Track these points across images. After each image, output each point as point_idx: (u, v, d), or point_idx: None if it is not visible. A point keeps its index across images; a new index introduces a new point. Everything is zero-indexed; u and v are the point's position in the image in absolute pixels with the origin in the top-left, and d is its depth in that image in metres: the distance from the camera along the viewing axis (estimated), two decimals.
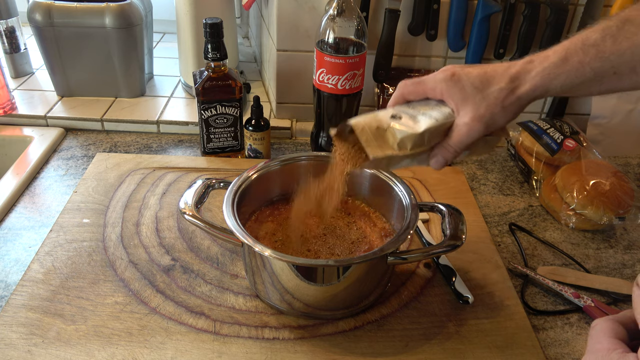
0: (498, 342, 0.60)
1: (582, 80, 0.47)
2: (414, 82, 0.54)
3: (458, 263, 0.70)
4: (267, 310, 0.63)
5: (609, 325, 0.38)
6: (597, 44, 0.46)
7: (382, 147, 0.50)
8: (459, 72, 0.51)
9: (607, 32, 0.46)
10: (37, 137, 0.94)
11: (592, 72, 0.46)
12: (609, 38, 0.46)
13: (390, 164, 0.53)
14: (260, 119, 0.88)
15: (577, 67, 0.47)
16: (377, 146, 0.50)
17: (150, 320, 0.60)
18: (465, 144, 0.51)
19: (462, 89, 0.50)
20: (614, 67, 0.46)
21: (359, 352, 0.58)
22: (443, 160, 0.53)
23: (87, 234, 0.72)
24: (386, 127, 0.51)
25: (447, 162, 0.53)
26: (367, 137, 0.50)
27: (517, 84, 0.49)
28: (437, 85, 0.52)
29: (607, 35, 0.46)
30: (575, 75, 0.47)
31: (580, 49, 0.47)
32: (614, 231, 0.81)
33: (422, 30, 0.94)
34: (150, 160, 0.89)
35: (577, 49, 0.47)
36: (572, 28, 0.96)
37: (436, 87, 0.52)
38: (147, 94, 1.09)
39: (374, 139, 0.50)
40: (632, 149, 1.01)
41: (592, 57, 0.46)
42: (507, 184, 0.91)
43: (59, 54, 0.99)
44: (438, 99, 0.53)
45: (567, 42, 0.48)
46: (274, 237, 0.67)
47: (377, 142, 0.50)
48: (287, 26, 0.91)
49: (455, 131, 0.51)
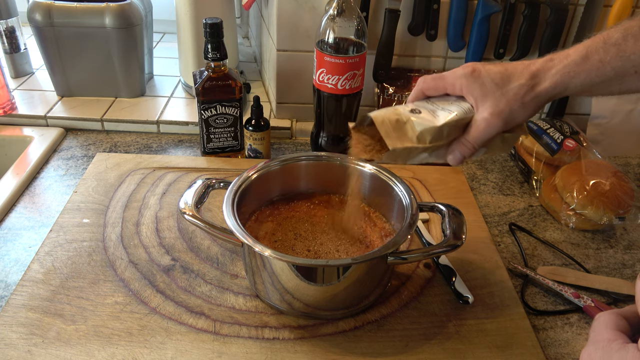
0: (498, 342, 0.60)
1: (602, 79, 0.47)
2: (433, 77, 0.54)
3: (458, 263, 0.70)
4: (267, 310, 0.63)
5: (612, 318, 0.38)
6: (618, 43, 0.46)
7: (401, 139, 0.51)
8: (479, 68, 0.51)
9: (629, 32, 0.46)
10: (37, 137, 0.94)
11: (613, 71, 0.47)
12: (630, 37, 0.46)
13: (409, 156, 0.53)
14: (260, 119, 0.88)
15: (598, 66, 0.47)
16: (397, 138, 0.51)
17: (150, 320, 0.60)
18: (483, 140, 0.51)
19: (482, 84, 0.50)
20: (635, 67, 0.46)
21: (359, 352, 0.58)
22: (460, 156, 0.53)
23: (87, 234, 0.72)
24: (405, 120, 0.51)
25: (465, 158, 0.53)
26: (386, 129, 0.51)
27: (537, 81, 0.49)
28: (456, 81, 0.52)
29: (628, 35, 0.46)
30: (596, 74, 0.47)
31: (602, 47, 0.47)
32: (614, 231, 0.81)
33: (422, 30, 0.94)
34: (150, 160, 0.89)
35: (598, 48, 0.47)
36: (572, 28, 0.96)
37: (456, 83, 0.52)
38: (147, 94, 1.09)
39: (393, 131, 0.51)
40: (632, 149, 1.01)
41: (613, 56, 0.46)
42: (507, 184, 0.91)
43: (59, 54, 0.99)
44: (457, 95, 0.53)
45: (588, 41, 0.48)
46: (273, 237, 0.67)
47: (396, 134, 0.51)
48: (287, 26, 0.91)
49: (473, 126, 0.51)
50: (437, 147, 0.52)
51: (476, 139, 0.51)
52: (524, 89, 0.49)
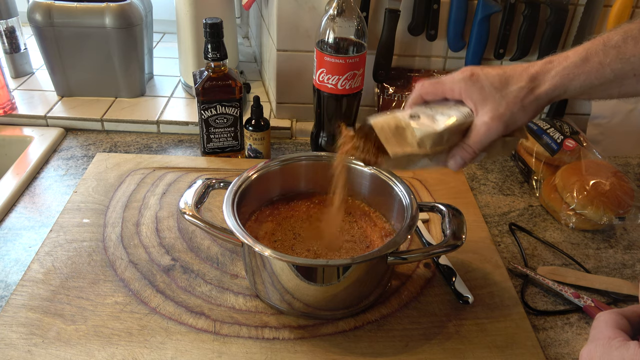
0: (498, 342, 0.60)
1: (601, 82, 0.47)
2: (431, 82, 0.54)
3: (458, 263, 0.70)
4: (267, 310, 0.63)
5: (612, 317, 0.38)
6: (618, 46, 0.46)
7: (401, 145, 0.51)
8: (477, 72, 0.51)
9: (629, 34, 0.46)
10: (37, 137, 0.94)
11: (612, 74, 0.47)
12: (630, 40, 0.46)
13: (409, 163, 0.53)
14: (260, 119, 0.88)
15: (597, 68, 0.47)
16: (397, 144, 0.51)
17: (150, 320, 0.60)
18: (484, 144, 0.51)
19: (481, 88, 0.50)
20: (634, 69, 0.46)
21: (359, 352, 0.58)
22: (461, 161, 0.52)
23: (87, 234, 0.72)
24: (405, 125, 0.51)
25: (466, 163, 0.53)
26: (386, 135, 0.51)
27: (537, 83, 0.49)
28: (455, 85, 0.52)
29: (628, 37, 0.46)
30: (595, 76, 0.47)
31: (601, 50, 0.47)
32: (614, 231, 0.81)
33: (422, 30, 0.94)
34: (150, 160, 0.89)
35: (597, 50, 0.47)
36: (572, 28, 0.96)
37: (454, 88, 0.52)
38: (147, 94, 1.09)
39: (393, 137, 0.51)
40: (632, 149, 1.01)
41: (612, 59, 0.46)
42: (507, 184, 0.91)
43: (59, 54, 0.99)
44: (456, 100, 0.53)
45: (588, 43, 0.48)
46: (273, 237, 0.67)
47: (396, 140, 0.51)
48: (287, 26, 0.91)
49: (474, 131, 0.51)
50: (438, 153, 0.52)
51: (477, 143, 0.51)
52: (524, 91, 0.49)
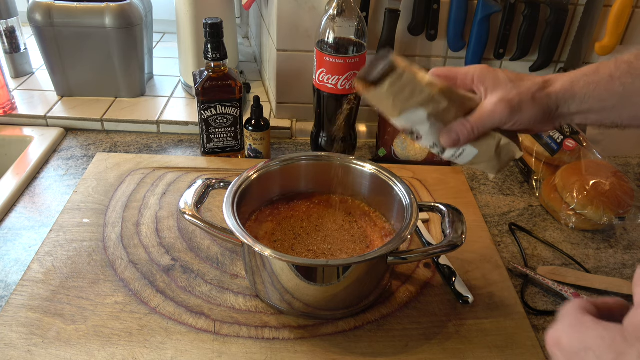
0: (498, 342, 0.60)
1: (611, 94, 0.48)
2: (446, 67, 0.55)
3: (458, 263, 0.70)
4: (267, 310, 0.63)
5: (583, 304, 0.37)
6: (630, 62, 0.48)
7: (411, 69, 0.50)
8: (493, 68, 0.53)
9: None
10: (37, 137, 0.94)
11: (622, 87, 0.48)
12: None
13: (410, 98, 0.51)
14: (260, 119, 0.88)
15: (607, 80, 0.48)
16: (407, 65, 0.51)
17: (150, 320, 0.60)
18: (484, 125, 0.51)
19: (496, 77, 0.52)
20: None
21: (359, 352, 0.58)
22: (455, 137, 0.52)
23: (87, 234, 0.73)
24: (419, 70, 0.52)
25: (459, 140, 0.52)
26: (401, 61, 0.51)
27: (549, 83, 0.51)
28: (470, 70, 0.53)
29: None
30: (605, 88, 0.48)
31: (613, 64, 0.49)
32: (614, 231, 0.81)
33: (422, 30, 0.94)
34: (150, 160, 0.89)
35: (609, 64, 0.49)
36: (572, 28, 0.96)
37: (469, 72, 0.53)
38: (147, 94, 1.09)
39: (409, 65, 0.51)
40: (632, 149, 1.01)
41: (623, 72, 0.48)
42: (507, 184, 0.91)
43: (59, 54, 0.99)
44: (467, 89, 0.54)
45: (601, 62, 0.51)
46: (273, 237, 0.67)
47: (411, 65, 0.51)
48: (287, 26, 0.91)
49: (478, 109, 0.52)
50: (439, 111, 0.51)
51: (477, 120, 0.51)
52: (537, 86, 0.51)
